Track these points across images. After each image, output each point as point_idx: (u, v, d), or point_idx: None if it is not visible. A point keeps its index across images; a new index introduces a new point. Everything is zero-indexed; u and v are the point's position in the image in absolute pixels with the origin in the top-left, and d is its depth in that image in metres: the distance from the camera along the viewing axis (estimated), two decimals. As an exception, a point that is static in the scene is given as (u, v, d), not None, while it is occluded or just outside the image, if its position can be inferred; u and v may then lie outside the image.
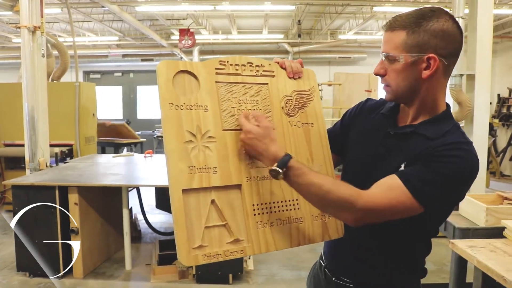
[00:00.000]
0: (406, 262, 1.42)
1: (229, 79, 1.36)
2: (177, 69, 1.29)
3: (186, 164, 1.23)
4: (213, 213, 1.26)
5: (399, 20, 1.27)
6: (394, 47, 1.26)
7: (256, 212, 1.31)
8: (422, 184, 1.20)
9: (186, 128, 1.25)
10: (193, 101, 1.28)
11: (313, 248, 1.65)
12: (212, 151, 1.28)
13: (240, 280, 4.05)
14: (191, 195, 1.23)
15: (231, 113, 1.34)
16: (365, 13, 9.32)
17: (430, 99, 1.31)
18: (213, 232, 1.26)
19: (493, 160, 9.30)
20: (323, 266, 1.57)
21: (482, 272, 2.11)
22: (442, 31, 1.23)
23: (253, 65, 1.41)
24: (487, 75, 4.84)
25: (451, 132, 1.28)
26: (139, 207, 5.39)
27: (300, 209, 1.38)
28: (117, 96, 13.00)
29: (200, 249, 1.22)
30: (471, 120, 4.90)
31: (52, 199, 3.86)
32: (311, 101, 1.48)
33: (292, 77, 1.47)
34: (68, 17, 6.66)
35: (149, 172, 4.91)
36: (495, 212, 2.55)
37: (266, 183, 1.34)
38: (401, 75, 1.27)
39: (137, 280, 4.14)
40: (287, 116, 1.43)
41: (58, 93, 6.05)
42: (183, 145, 1.24)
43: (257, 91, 1.40)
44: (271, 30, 10.92)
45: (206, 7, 8.34)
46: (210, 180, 1.26)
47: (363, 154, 1.42)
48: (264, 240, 1.31)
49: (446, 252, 2.64)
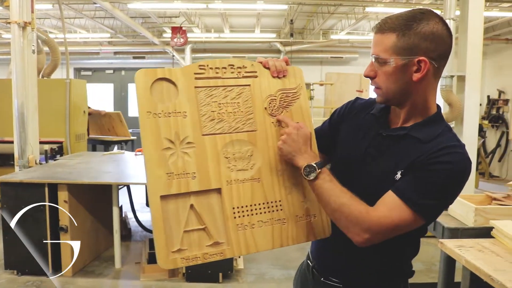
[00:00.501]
0: (395, 263, 1.42)
1: (209, 83, 1.36)
2: (155, 77, 1.30)
3: (164, 171, 1.26)
4: (192, 218, 1.29)
5: (389, 22, 1.26)
6: (384, 50, 1.25)
7: (236, 215, 1.33)
8: (422, 198, 1.22)
9: (164, 136, 1.28)
10: (171, 108, 1.30)
11: (303, 247, 1.65)
12: (191, 156, 1.30)
13: (230, 279, 4.05)
14: (170, 201, 1.27)
15: (210, 117, 1.34)
16: (357, 14, 9.35)
17: (421, 101, 1.32)
18: (192, 236, 1.28)
19: (482, 161, 9.38)
20: (310, 266, 1.56)
21: (470, 272, 2.12)
22: (432, 34, 1.22)
23: (234, 67, 1.40)
24: (477, 76, 4.88)
25: (443, 134, 1.29)
26: (129, 205, 5.37)
27: (284, 210, 1.38)
28: (108, 94, 12.92)
29: (179, 252, 1.26)
30: (461, 121, 4.94)
31: (41, 197, 3.83)
32: (297, 99, 1.46)
33: (276, 76, 1.45)
34: (59, 13, 6.61)
35: (140, 170, 4.88)
36: (484, 212, 2.57)
37: (246, 186, 1.35)
38: (391, 77, 1.27)
39: (126, 279, 4.13)
40: (271, 117, 1.41)
41: (49, 89, 6.00)
42: (161, 152, 1.27)
43: (238, 93, 1.39)
44: (264, 29, 10.91)
45: (199, 5, 8.32)
46: (189, 185, 1.28)
47: (352, 154, 1.42)
48: (244, 242, 1.33)
49: (435, 252, 2.66)
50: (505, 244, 2.24)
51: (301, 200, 1.41)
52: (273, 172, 1.39)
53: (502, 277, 1.83)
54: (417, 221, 1.24)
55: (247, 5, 8.54)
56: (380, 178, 1.31)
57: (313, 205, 1.42)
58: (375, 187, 1.30)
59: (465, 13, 4.87)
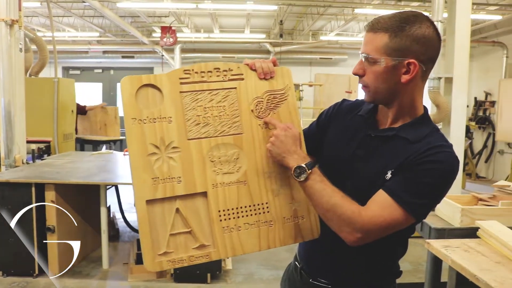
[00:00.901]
0: (384, 263, 1.44)
1: (194, 87, 1.36)
2: (140, 83, 1.32)
3: (150, 176, 1.28)
4: (178, 221, 1.31)
5: (381, 22, 1.26)
6: (375, 49, 1.26)
7: (222, 218, 1.34)
8: (413, 197, 1.23)
9: (150, 141, 1.29)
10: (156, 113, 1.31)
11: (292, 248, 1.66)
12: (176, 161, 1.31)
13: (218, 279, 4.05)
14: (155, 205, 1.29)
15: (196, 121, 1.35)
16: (346, 15, 9.39)
17: (408, 102, 1.33)
18: (178, 238, 1.30)
19: (469, 162, 9.47)
20: (298, 267, 1.56)
21: (456, 272, 2.14)
22: (423, 37, 1.24)
23: (220, 70, 1.40)
24: (464, 78, 4.93)
25: (431, 135, 1.31)
26: (118, 205, 5.34)
27: (270, 212, 1.39)
28: (97, 93, 12.83)
29: (165, 255, 1.28)
30: (449, 123, 4.99)
31: (28, 197, 3.80)
32: (285, 100, 1.44)
33: (263, 77, 1.43)
34: (47, 11, 6.55)
35: (128, 170, 4.84)
36: (470, 213, 2.60)
37: (232, 189, 1.36)
38: (380, 77, 1.28)
39: (114, 279, 4.10)
40: (258, 119, 1.41)
41: (36, 88, 5.95)
42: (146, 158, 1.29)
43: (224, 96, 1.39)
44: (253, 30, 10.92)
45: (188, 5, 8.30)
46: (174, 189, 1.30)
47: (340, 155, 1.42)
48: (230, 244, 1.34)
49: (422, 252, 2.68)
50: (491, 244, 2.26)
51: (289, 202, 1.42)
52: (260, 175, 1.39)
53: (487, 276, 1.85)
54: (408, 219, 1.25)
55: (236, 6, 8.55)
56: (370, 179, 1.33)
57: (301, 207, 1.42)
58: (365, 187, 1.32)
59: (452, 15, 4.92)
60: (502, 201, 2.72)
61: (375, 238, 1.27)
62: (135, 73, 1.34)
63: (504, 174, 8.98)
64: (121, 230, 5.43)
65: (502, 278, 1.84)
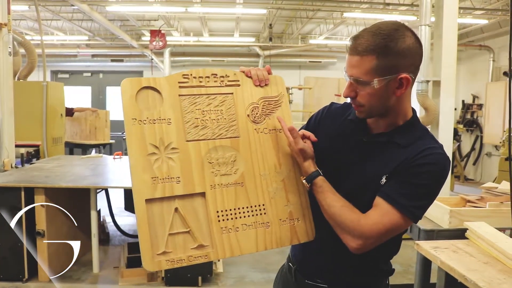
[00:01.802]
0: (379, 262, 1.46)
1: (192, 91, 1.40)
2: (140, 85, 1.35)
3: (149, 175, 1.30)
4: (177, 221, 1.32)
5: (364, 43, 1.24)
6: (365, 72, 1.26)
7: (220, 219, 1.36)
8: (410, 201, 1.27)
9: (149, 142, 1.32)
10: (156, 115, 1.34)
11: (282, 250, 1.67)
12: (175, 161, 1.33)
13: (209, 283, 4.04)
14: (154, 204, 1.30)
15: (194, 124, 1.38)
16: (335, 19, 9.46)
17: (401, 109, 1.36)
18: (177, 238, 1.31)
19: (457, 164, 9.56)
20: (292, 268, 1.57)
21: (445, 272, 2.17)
22: (408, 50, 1.25)
23: (217, 76, 1.44)
24: (452, 81, 5.00)
25: (423, 137, 1.35)
26: (108, 209, 5.32)
27: (267, 213, 1.41)
28: (86, 97, 12.76)
29: (164, 255, 1.29)
30: (437, 125, 5.04)
31: (17, 201, 3.77)
32: (279, 107, 1.50)
33: (258, 84, 1.48)
34: (36, 15, 6.52)
35: (118, 174, 4.85)
36: (458, 214, 2.64)
37: (230, 190, 1.38)
38: (374, 97, 1.29)
39: (105, 283, 4.08)
40: (254, 124, 1.45)
41: (25, 92, 5.91)
42: (146, 157, 1.31)
43: (221, 101, 1.43)
44: (243, 33, 10.95)
45: (178, 8, 8.30)
46: (173, 189, 1.32)
47: (333, 160, 1.44)
48: (228, 245, 1.35)
49: (412, 254, 2.71)
50: (479, 245, 2.29)
51: (284, 204, 1.44)
52: (256, 177, 1.42)
53: (475, 276, 1.88)
54: (407, 222, 1.29)
55: (226, 9, 8.57)
56: (364, 183, 1.35)
57: (297, 209, 1.45)
58: (359, 192, 1.34)
59: (440, 19, 4.98)
60: (489, 203, 2.76)
61: (377, 243, 1.30)
62: (125, 77, 1.37)
63: (491, 176, 9.08)
64: (112, 234, 5.40)
65: (489, 278, 1.87)
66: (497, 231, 2.35)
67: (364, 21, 9.32)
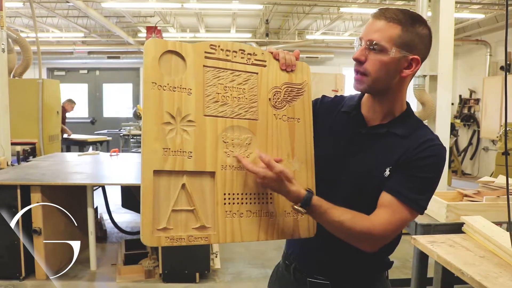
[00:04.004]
0: (380, 255, 1.44)
1: (218, 64, 1.33)
2: (165, 48, 1.27)
3: (161, 146, 1.24)
4: (183, 197, 1.27)
5: (392, 13, 1.27)
6: (387, 38, 1.25)
7: (226, 202, 1.31)
8: (417, 194, 1.28)
9: (166, 109, 1.25)
10: (177, 82, 1.27)
11: (280, 246, 1.66)
12: (190, 135, 1.27)
13: (207, 279, 4.04)
14: (162, 177, 1.24)
15: (215, 99, 1.32)
16: (332, 14, 9.44)
17: (399, 97, 1.37)
18: (180, 216, 1.26)
19: (454, 159, 9.57)
20: (291, 266, 1.55)
21: (442, 266, 2.17)
22: (427, 37, 1.30)
23: (245, 52, 1.38)
24: (449, 76, 4.99)
25: (420, 128, 1.36)
26: (105, 206, 5.31)
27: (273, 203, 1.37)
28: (82, 94, 12.74)
29: (164, 231, 1.23)
30: (434, 120, 5.04)
31: (13, 199, 3.75)
32: (301, 95, 1.44)
33: (284, 69, 1.42)
34: (30, 12, 6.49)
35: (115, 171, 4.84)
36: (455, 209, 2.63)
37: (241, 173, 1.33)
38: (384, 67, 1.27)
39: (102, 281, 4.08)
40: (273, 109, 1.39)
41: (21, 90, 5.89)
42: (160, 126, 1.24)
43: (245, 79, 1.37)
44: (239, 29, 10.93)
45: (174, 4, 8.28)
46: (184, 164, 1.26)
47: (331, 154, 1.42)
48: (230, 230, 1.31)
49: (410, 249, 2.70)
50: (475, 239, 2.29)
51: None
52: None
53: (471, 270, 1.88)
54: (415, 215, 1.31)
55: (222, 5, 8.54)
56: (364, 176, 1.34)
57: None
58: (360, 184, 1.34)
59: (436, 14, 4.97)
60: (486, 197, 2.76)
61: (391, 239, 1.33)
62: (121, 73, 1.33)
63: (488, 170, 9.10)
64: (109, 231, 5.40)
65: (486, 271, 1.87)
66: (493, 225, 2.35)
67: (361, 16, 9.31)
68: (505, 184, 2.87)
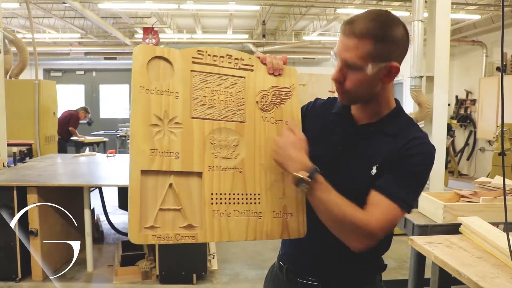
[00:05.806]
0: (370, 258, 1.45)
1: (205, 69, 1.37)
2: (153, 54, 1.31)
3: (149, 146, 1.27)
4: (170, 197, 1.29)
5: (362, 26, 1.23)
6: (360, 56, 1.23)
7: (214, 201, 1.33)
8: (407, 192, 1.28)
9: (154, 112, 1.28)
10: (164, 86, 1.31)
11: (276, 247, 1.66)
12: (177, 136, 1.30)
13: (204, 280, 4.04)
14: (149, 177, 1.27)
15: (202, 102, 1.35)
16: (328, 15, 9.45)
17: (384, 98, 1.36)
18: (167, 215, 1.28)
19: (451, 159, 9.59)
20: (284, 267, 1.55)
21: (439, 267, 2.17)
22: (401, 40, 1.26)
23: (232, 57, 1.41)
24: (445, 77, 5.00)
25: (408, 126, 1.36)
26: (102, 207, 5.30)
27: (261, 204, 1.39)
28: (79, 95, 12.72)
29: (151, 229, 1.26)
30: (430, 121, 5.05)
31: (10, 200, 3.74)
32: (289, 99, 1.47)
33: (272, 73, 1.45)
34: (27, 13, 6.47)
35: (112, 172, 4.83)
36: (452, 209, 2.63)
37: (228, 174, 1.36)
38: (365, 83, 1.28)
39: (99, 282, 4.07)
40: (261, 111, 1.42)
41: (17, 91, 5.88)
42: (148, 127, 1.27)
43: (232, 83, 1.40)
44: (236, 30, 10.93)
45: (171, 5, 8.28)
46: (171, 164, 1.29)
47: (322, 154, 1.42)
48: (218, 229, 1.33)
49: (407, 250, 2.72)
50: (472, 240, 2.29)
51: (280, 197, 1.42)
52: (256, 165, 1.39)
53: (468, 271, 1.87)
54: (404, 213, 1.30)
55: (219, 6, 8.54)
56: (355, 175, 1.35)
57: (291, 204, 1.43)
58: (352, 184, 1.33)
59: (432, 15, 4.98)
60: (483, 197, 2.76)
61: (380, 238, 1.29)
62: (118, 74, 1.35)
63: (485, 171, 9.12)
64: (106, 233, 5.39)
65: (483, 272, 1.87)
66: (490, 225, 2.35)
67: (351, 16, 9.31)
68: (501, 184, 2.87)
